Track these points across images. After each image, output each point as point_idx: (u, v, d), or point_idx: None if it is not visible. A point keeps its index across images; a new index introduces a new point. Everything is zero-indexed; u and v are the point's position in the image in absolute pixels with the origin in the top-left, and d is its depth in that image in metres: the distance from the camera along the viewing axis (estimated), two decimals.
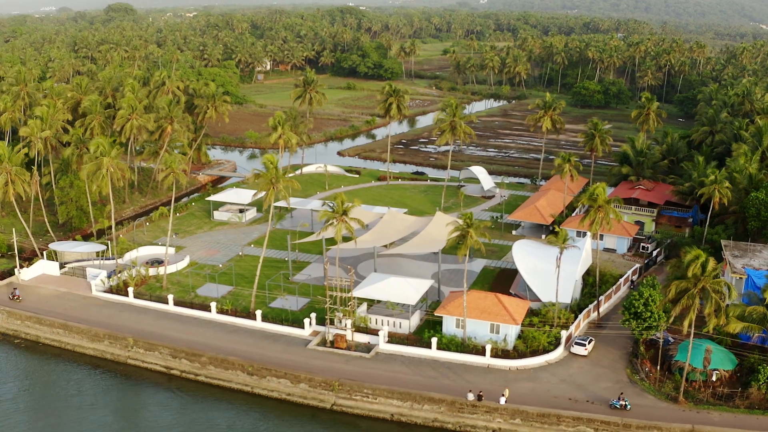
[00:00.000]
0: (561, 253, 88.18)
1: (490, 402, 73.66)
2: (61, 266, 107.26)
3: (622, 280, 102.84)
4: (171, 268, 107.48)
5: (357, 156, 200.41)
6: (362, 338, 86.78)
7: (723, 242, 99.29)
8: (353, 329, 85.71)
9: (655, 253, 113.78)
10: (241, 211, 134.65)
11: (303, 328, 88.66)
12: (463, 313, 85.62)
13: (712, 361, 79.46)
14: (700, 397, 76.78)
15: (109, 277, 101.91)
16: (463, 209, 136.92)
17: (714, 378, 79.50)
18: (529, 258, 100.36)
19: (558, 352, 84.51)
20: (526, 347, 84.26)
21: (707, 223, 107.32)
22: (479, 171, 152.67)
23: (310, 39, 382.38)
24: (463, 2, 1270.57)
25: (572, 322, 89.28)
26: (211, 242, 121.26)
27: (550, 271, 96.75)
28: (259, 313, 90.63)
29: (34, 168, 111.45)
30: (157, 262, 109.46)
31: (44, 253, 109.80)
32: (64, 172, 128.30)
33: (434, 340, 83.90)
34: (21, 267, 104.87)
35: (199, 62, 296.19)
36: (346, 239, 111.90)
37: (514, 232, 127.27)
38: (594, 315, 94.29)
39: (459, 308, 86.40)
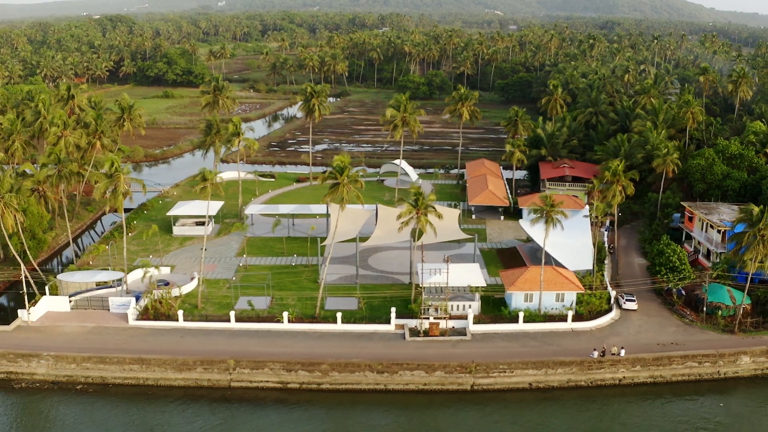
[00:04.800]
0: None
1: (611, 357, 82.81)
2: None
3: (607, 246, 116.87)
4: (186, 288, 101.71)
5: (241, 161, 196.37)
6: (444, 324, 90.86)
7: (686, 204, 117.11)
8: (447, 317, 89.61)
9: (608, 222, 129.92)
10: (198, 224, 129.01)
11: (389, 323, 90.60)
12: (531, 288, 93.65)
13: (735, 298, 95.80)
14: (742, 328, 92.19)
15: (137, 301, 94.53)
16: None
17: (740, 312, 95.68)
18: (542, 234, 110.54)
19: (614, 311, 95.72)
20: (589, 310, 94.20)
21: (661, 190, 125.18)
22: (405, 165, 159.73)
23: (105, 49, 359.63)
24: (206, 5, 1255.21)
25: (606, 284, 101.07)
26: (198, 257, 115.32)
27: (563, 243, 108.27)
28: (339, 315, 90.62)
29: (13, 194, 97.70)
30: (164, 283, 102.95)
31: (46, 287, 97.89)
32: None
33: (521, 315, 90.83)
34: (29, 306, 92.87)
35: None
36: (362, 239, 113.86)
37: (473, 216, 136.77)
38: (607, 276, 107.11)
39: (527, 283, 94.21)
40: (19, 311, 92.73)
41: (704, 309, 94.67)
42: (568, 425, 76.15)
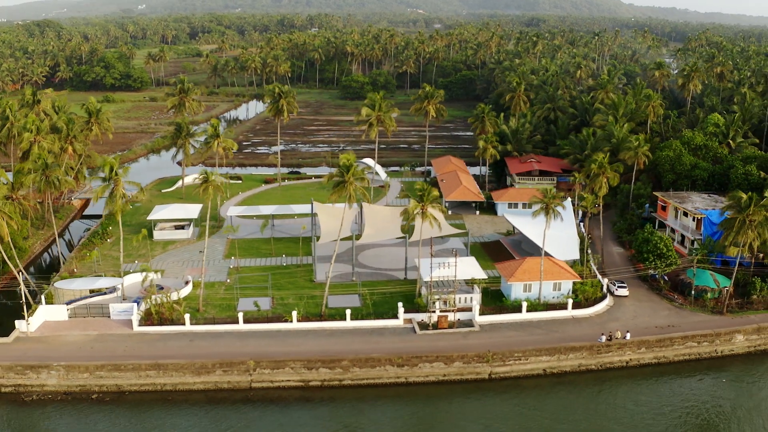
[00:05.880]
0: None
1: (617, 341, 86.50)
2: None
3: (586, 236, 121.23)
4: (183, 292, 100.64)
5: (201, 164, 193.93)
6: (450, 316, 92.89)
7: (660, 194, 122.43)
8: (455, 309, 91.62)
9: (581, 213, 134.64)
10: (177, 227, 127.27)
11: (396, 318, 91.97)
12: (530, 278, 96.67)
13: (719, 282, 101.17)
14: (729, 309, 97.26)
15: (137, 306, 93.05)
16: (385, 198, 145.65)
17: (727, 294, 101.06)
18: (530, 227, 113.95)
19: (608, 297, 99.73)
20: (585, 298, 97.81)
21: (633, 181, 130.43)
22: (375, 164, 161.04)
23: (39, 55, 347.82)
24: (126, 9, 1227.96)
25: (594, 272, 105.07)
26: (187, 261, 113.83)
27: (549, 234, 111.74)
28: (348, 312, 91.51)
29: (8, 202, 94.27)
30: (159, 288, 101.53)
31: (42, 296, 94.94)
32: None
33: (524, 305, 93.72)
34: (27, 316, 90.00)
35: None
36: (357, 237, 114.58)
37: (449, 212, 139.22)
38: (594, 265, 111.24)
39: (526, 274, 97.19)
40: (17, 322, 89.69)
41: (692, 292, 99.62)
42: (584, 407, 79.35)
